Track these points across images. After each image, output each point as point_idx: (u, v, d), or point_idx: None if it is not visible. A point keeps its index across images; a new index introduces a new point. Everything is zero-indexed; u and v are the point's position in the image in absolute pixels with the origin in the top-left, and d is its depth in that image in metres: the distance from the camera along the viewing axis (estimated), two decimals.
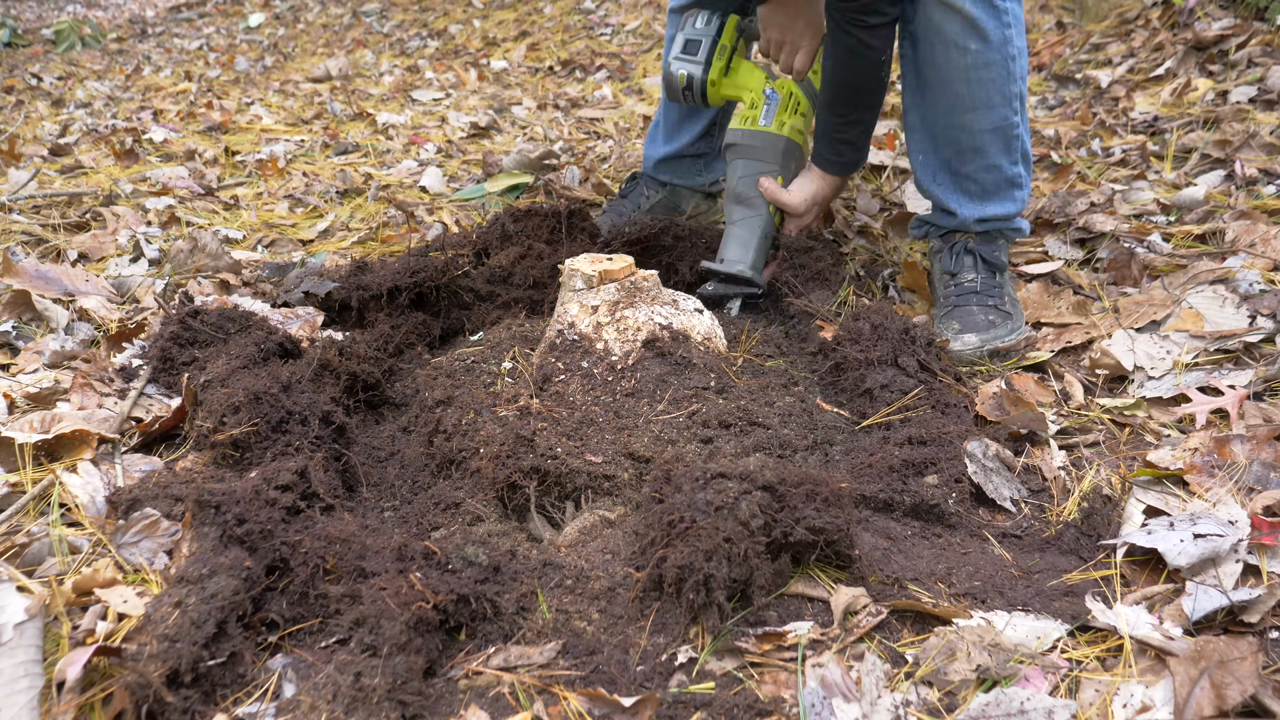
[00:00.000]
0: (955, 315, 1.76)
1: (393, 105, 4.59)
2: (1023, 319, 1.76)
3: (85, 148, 3.68)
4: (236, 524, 1.13)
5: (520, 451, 1.32)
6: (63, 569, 1.18)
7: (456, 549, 1.16)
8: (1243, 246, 1.90)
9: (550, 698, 0.98)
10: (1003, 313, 1.74)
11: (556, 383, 1.47)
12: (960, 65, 1.68)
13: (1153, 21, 3.65)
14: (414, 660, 0.99)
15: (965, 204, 1.84)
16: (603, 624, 1.09)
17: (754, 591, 1.05)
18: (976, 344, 1.69)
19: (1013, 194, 1.83)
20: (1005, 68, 1.69)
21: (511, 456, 1.31)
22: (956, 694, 0.97)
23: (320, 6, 8.24)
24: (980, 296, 1.77)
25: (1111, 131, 2.90)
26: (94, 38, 8.04)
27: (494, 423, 1.40)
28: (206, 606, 1.02)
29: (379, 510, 1.39)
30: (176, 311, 1.74)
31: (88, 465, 1.38)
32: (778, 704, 0.96)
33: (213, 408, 1.42)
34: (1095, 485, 1.32)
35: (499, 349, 1.64)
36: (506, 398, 1.46)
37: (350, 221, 2.73)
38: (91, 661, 0.96)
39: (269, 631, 1.09)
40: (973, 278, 1.81)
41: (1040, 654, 1.01)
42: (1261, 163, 2.39)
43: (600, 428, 1.39)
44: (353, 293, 1.93)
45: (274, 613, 1.09)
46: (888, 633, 1.06)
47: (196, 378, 1.54)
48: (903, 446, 1.38)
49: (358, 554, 1.12)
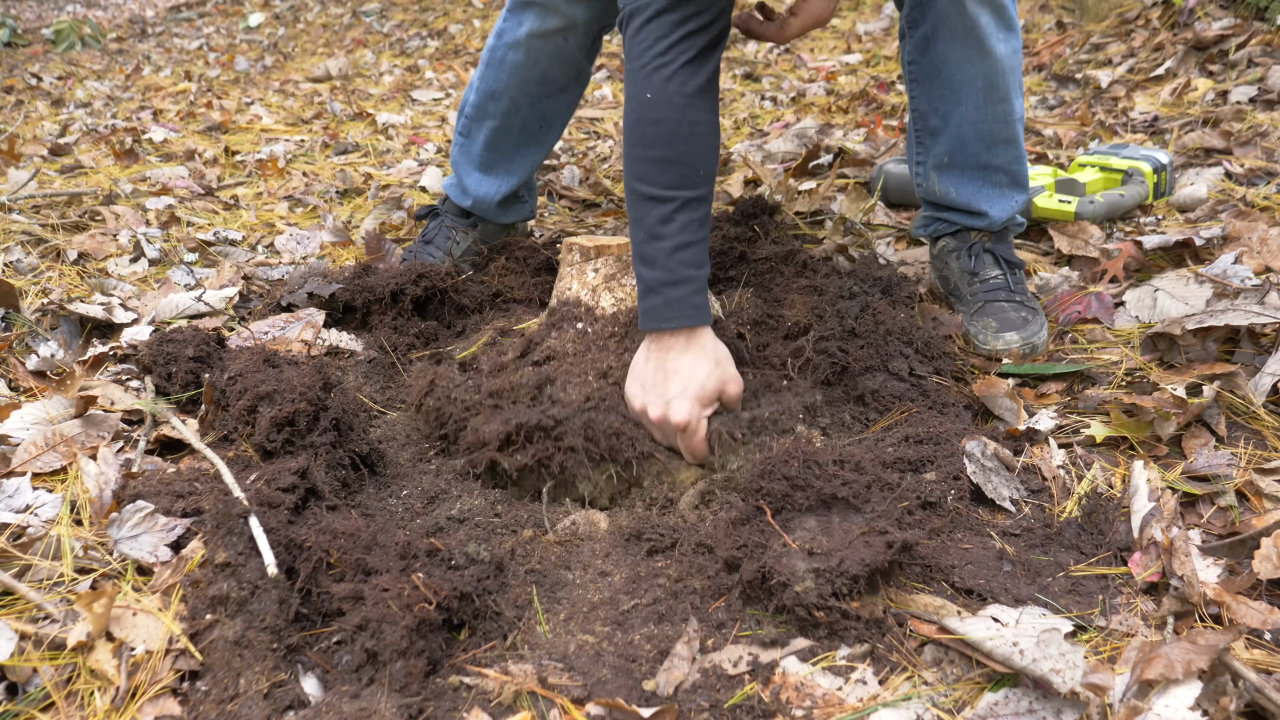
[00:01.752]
0: (989, 313, 1.75)
1: (393, 105, 4.59)
2: (1043, 314, 1.77)
3: (85, 147, 3.68)
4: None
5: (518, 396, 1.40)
6: (67, 572, 1.19)
7: (460, 545, 1.16)
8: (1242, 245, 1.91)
9: (563, 708, 0.99)
10: (1031, 309, 1.75)
11: (550, 340, 1.51)
12: (997, 55, 1.65)
13: (1153, 21, 3.65)
14: (415, 664, 0.99)
15: (995, 202, 1.81)
16: (605, 632, 1.09)
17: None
18: (1019, 342, 1.69)
19: (1025, 192, 1.84)
20: (1019, 57, 1.71)
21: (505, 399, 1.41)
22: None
23: (320, 6, 8.24)
24: (1009, 293, 1.77)
25: (1111, 131, 2.90)
26: (94, 37, 8.04)
27: (483, 377, 1.48)
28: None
29: (383, 500, 1.40)
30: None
31: (106, 452, 1.38)
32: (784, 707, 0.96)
33: (236, 402, 1.44)
34: (1094, 485, 1.33)
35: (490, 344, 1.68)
36: (494, 357, 1.53)
37: (351, 221, 2.74)
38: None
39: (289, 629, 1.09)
40: (997, 274, 1.80)
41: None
42: (1260, 163, 2.40)
43: (583, 363, 1.46)
44: (357, 295, 1.93)
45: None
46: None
47: (219, 377, 1.54)
48: (899, 445, 1.38)
49: (364, 548, 1.12)
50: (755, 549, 1.10)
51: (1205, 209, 2.18)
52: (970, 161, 1.77)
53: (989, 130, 1.72)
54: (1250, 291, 1.68)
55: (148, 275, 2.25)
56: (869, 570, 1.05)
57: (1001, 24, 1.65)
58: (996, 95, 1.68)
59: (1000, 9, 1.63)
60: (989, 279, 1.80)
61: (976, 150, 1.75)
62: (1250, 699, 0.92)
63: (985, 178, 1.79)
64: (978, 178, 1.79)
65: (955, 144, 1.76)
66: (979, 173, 1.78)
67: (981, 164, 1.77)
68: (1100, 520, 1.26)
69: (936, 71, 1.71)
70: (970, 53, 1.65)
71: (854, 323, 1.60)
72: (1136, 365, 1.58)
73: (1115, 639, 1.05)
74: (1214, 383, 1.44)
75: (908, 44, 1.74)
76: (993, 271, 1.80)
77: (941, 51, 1.68)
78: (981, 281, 1.80)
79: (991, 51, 1.64)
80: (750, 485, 1.18)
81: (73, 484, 1.33)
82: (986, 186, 1.80)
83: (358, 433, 1.45)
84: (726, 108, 4.06)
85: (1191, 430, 1.40)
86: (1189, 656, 0.94)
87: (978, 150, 1.75)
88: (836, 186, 2.57)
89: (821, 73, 4.46)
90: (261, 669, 1.01)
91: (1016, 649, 0.96)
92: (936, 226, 1.90)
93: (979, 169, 1.78)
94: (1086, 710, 0.92)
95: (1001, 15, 1.64)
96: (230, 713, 0.97)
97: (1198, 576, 1.10)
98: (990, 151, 1.75)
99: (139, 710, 0.98)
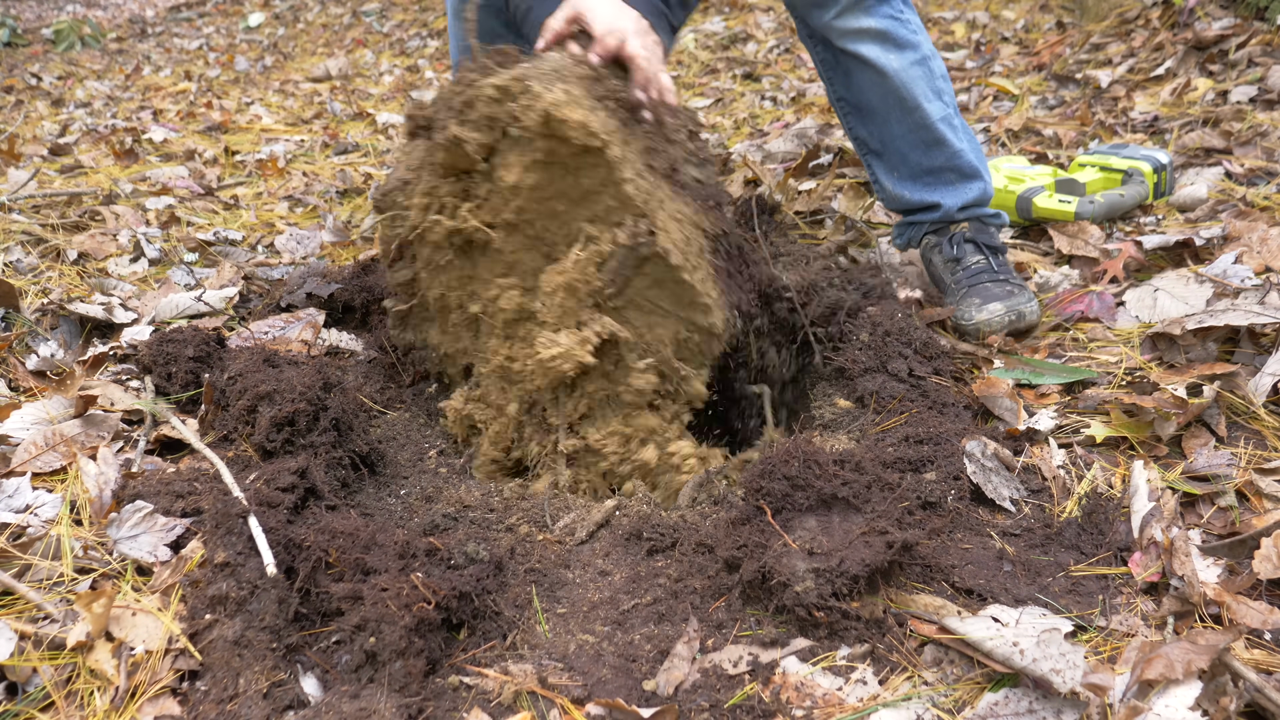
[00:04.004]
0: (974, 293, 1.80)
1: (393, 105, 4.59)
2: (1031, 292, 1.81)
3: (85, 147, 3.68)
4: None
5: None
6: (66, 572, 1.19)
7: (459, 544, 1.16)
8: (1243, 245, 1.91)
9: (563, 708, 0.99)
10: (1016, 284, 1.79)
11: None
12: (892, 72, 1.79)
13: (1153, 21, 3.65)
14: (414, 664, 0.99)
15: (947, 194, 1.90)
16: (605, 632, 1.09)
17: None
18: (1002, 311, 1.73)
19: (981, 179, 1.91)
20: (925, 65, 1.82)
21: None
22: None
23: (320, 6, 8.23)
24: (992, 273, 1.82)
25: (1111, 131, 2.90)
26: (94, 37, 8.04)
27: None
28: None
29: (382, 499, 1.40)
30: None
31: (106, 452, 1.38)
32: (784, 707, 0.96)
33: (236, 402, 1.44)
34: (1094, 485, 1.33)
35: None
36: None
37: (352, 221, 2.73)
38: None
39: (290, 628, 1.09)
40: (979, 259, 1.86)
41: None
42: (1260, 163, 2.40)
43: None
44: (356, 295, 1.93)
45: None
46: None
47: (219, 377, 1.54)
48: (899, 445, 1.38)
49: (363, 547, 1.12)
50: (755, 549, 1.10)
51: (1205, 209, 2.18)
52: (914, 169, 1.91)
53: (917, 138, 1.87)
54: (1250, 291, 1.68)
55: (148, 275, 2.25)
56: (869, 570, 1.05)
57: (889, 45, 1.79)
58: (907, 106, 1.83)
59: (882, 35, 1.78)
60: (971, 264, 1.86)
61: (916, 159, 1.90)
62: (1250, 699, 0.92)
63: (934, 178, 1.91)
64: (926, 182, 1.91)
65: (897, 158, 1.91)
66: (926, 176, 1.91)
67: (925, 169, 1.90)
68: (1100, 520, 1.26)
69: (859, 101, 1.89)
70: (873, 78, 1.82)
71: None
72: (1136, 365, 1.58)
73: (1115, 639, 1.05)
74: (1214, 383, 1.43)
75: (830, 85, 1.93)
76: (974, 257, 1.86)
77: (856, 83, 1.86)
78: (964, 268, 1.86)
79: (886, 71, 1.80)
80: (750, 485, 1.18)
81: (72, 484, 1.33)
82: (938, 185, 1.91)
83: (358, 433, 1.45)
84: (727, 108, 4.06)
85: (1191, 430, 1.40)
86: (1189, 656, 0.94)
87: (917, 159, 1.89)
88: (836, 186, 2.57)
89: None
90: (261, 669, 1.01)
91: (1016, 649, 0.96)
92: (910, 233, 2.01)
93: (924, 174, 1.91)
94: (1086, 710, 0.92)
95: (885, 39, 1.79)
96: (230, 712, 0.97)
97: (1198, 576, 1.10)
98: (927, 156, 1.88)
99: (139, 710, 0.98)
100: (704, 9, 5.79)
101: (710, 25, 5.37)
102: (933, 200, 1.91)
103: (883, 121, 1.88)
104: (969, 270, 1.85)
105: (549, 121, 1.23)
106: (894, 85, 1.81)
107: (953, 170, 1.89)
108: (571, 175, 1.32)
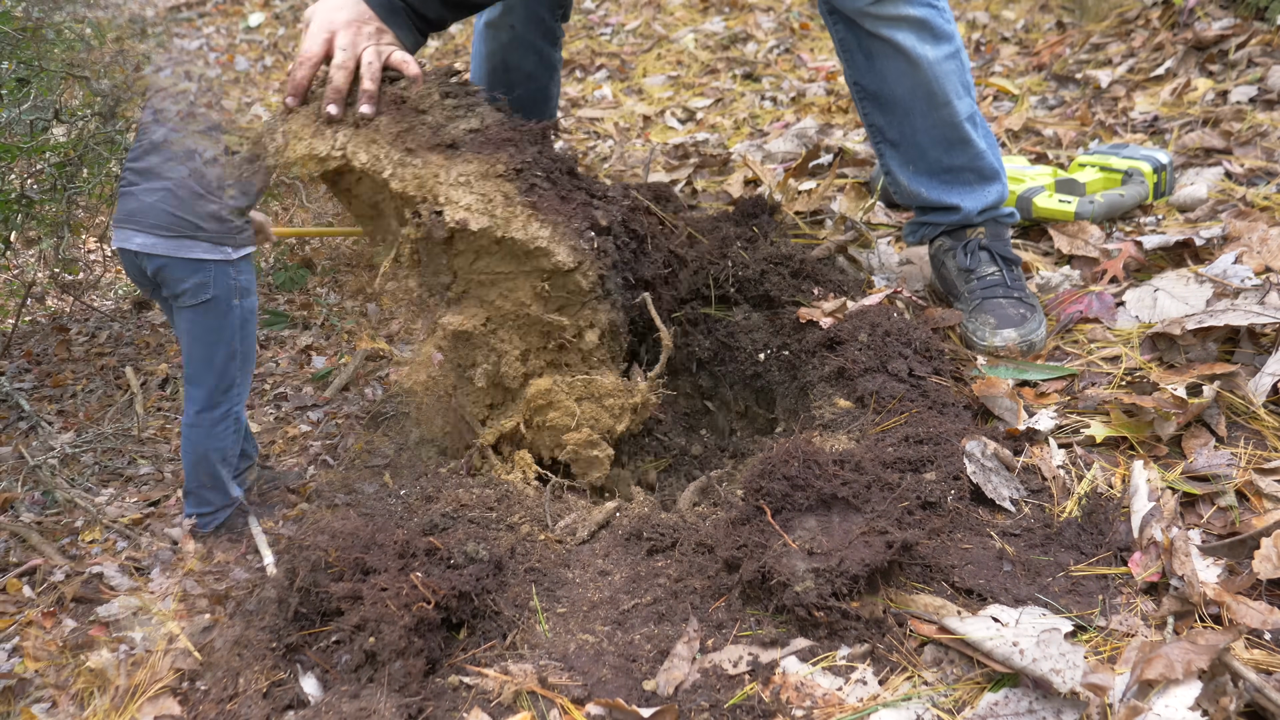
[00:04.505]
0: (987, 310, 1.77)
1: None
2: (1042, 311, 1.78)
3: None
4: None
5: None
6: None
7: (458, 544, 1.16)
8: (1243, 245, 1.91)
9: (563, 708, 0.98)
10: (1029, 305, 1.77)
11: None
12: (926, 63, 1.72)
13: (1153, 21, 3.65)
14: (414, 664, 0.99)
15: (966, 196, 1.86)
16: (605, 632, 1.09)
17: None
18: (1016, 339, 1.71)
19: (1000, 181, 1.88)
20: (958, 59, 1.77)
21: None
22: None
23: None
24: (1007, 289, 1.79)
25: (1111, 131, 2.90)
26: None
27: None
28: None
29: (382, 499, 1.40)
30: None
31: None
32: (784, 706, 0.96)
33: None
34: (1094, 485, 1.33)
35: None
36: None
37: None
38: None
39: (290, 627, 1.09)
40: (993, 270, 1.82)
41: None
42: (1260, 163, 2.40)
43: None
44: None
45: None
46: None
47: None
48: (899, 445, 1.38)
49: (362, 547, 1.12)
50: (755, 549, 1.10)
51: (1205, 209, 2.18)
52: (933, 166, 1.85)
53: (941, 135, 1.80)
54: (1250, 291, 1.68)
55: None
56: (869, 570, 1.05)
57: (926, 35, 1.71)
58: (936, 101, 1.76)
59: (920, 24, 1.70)
60: (985, 276, 1.82)
61: (936, 155, 1.83)
62: (1250, 699, 0.92)
63: (952, 178, 1.86)
64: (944, 180, 1.86)
65: (915, 152, 1.84)
66: (944, 174, 1.85)
67: (944, 167, 1.84)
68: (1100, 520, 1.26)
69: (881, 88, 1.80)
70: (903, 67, 1.73)
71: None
72: (1136, 365, 1.58)
73: (1115, 639, 1.05)
74: (1214, 383, 1.43)
75: (849, 66, 1.84)
76: (989, 268, 1.82)
77: (880, 70, 1.77)
78: (979, 279, 1.82)
79: (920, 62, 1.72)
80: (750, 485, 1.18)
81: None
82: (957, 185, 1.86)
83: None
84: (727, 108, 4.06)
85: (1191, 430, 1.40)
86: (1189, 656, 0.94)
87: (937, 155, 1.83)
88: (836, 186, 2.57)
89: (821, 73, 4.45)
90: (261, 668, 1.01)
91: (1016, 649, 0.96)
92: (924, 231, 1.96)
93: (943, 171, 1.85)
94: (1086, 710, 0.92)
95: (923, 28, 1.71)
96: (230, 712, 0.97)
97: (1198, 576, 1.10)
98: (949, 154, 1.82)
99: (139, 710, 0.98)
100: (704, 9, 5.79)
101: (710, 25, 5.37)
102: (951, 202, 1.86)
103: (905, 113, 1.80)
104: (984, 282, 1.81)
105: (290, 166, 1.31)
106: (926, 78, 1.73)
107: (973, 171, 1.84)
108: (355, 198, 1.37)
